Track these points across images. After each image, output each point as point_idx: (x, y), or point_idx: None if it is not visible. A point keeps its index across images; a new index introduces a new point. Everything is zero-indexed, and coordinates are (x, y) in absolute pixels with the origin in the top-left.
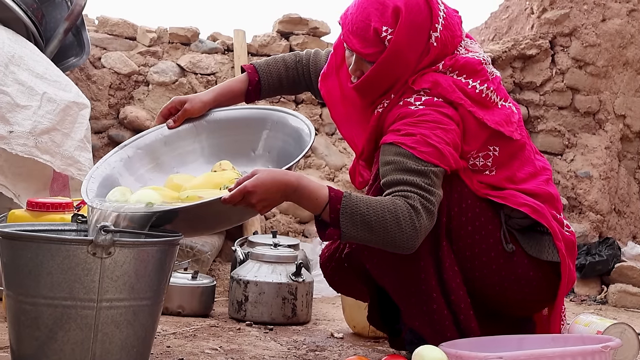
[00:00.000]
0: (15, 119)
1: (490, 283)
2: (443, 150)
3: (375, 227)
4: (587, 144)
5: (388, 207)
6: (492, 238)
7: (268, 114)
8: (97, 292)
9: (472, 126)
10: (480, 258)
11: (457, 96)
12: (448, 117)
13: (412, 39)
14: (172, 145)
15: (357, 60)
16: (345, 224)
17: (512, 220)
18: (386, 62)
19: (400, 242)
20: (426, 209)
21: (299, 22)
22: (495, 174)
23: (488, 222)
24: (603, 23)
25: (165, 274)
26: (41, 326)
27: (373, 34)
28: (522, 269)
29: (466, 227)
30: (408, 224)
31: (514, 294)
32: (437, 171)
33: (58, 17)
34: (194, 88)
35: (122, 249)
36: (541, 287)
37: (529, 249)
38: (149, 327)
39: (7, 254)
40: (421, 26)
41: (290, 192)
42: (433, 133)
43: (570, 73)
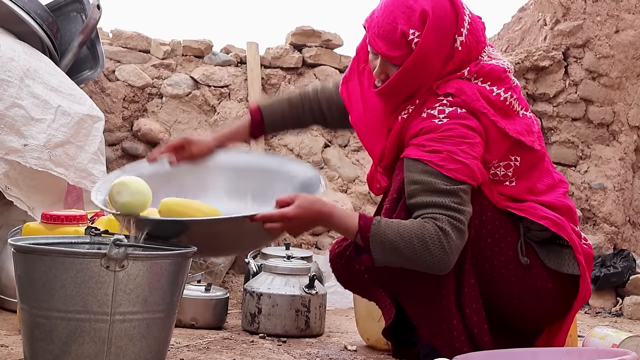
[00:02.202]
0: (30, 132)
1: (509, 295)
2: (471, 166)
3: (404, 253)
4: (601, 155)
5: (416, 232)
6: (511, 250)
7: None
8: (110, 305)
9: (494, 135)
10: (499, 270)
11: (481, 105)
12: (472, 129)
13: (439, 43)
14: (173, 180)
15: (382, 63)
16: (376, 251)
17: (531, 232)
18: (412, 65)
19: (432, 265)
20: (456, 228)
21: (311, 34)
22: (515, 184)
23: (507, 235)
24: (616, 34)
25: (179, 287)
26: (55, 339)
27: (400, 36)
28: (541, 282)
29: (485, 239)
30: (437, 247)
31: (532, 307)
32: (465, 188)
33: (73, 30)
34: (207, 100)
35: (136, 262)
36: (559, 300)
37: (548, 262)
38: (162, 339)
39: (22, 267)
40: (447, 30)
41: (324, 221)
42: (459, 149)
43: (584, 84)
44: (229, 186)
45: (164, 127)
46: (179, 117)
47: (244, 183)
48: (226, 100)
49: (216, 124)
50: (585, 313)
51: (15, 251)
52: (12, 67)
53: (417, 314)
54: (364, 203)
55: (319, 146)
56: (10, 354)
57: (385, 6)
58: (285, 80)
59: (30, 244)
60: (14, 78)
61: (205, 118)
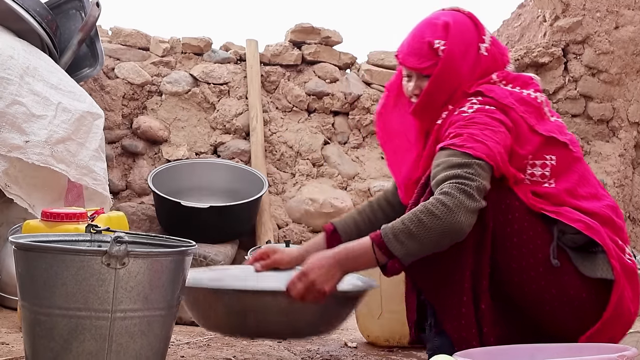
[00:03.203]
0: (31, 129)
1: (540, 301)
2: (490, 146)
3: (417, 233)
4: (601, 151)
5: (419, 209)
6: (541, 253)
7: None
8: (111, 302)
9: (525, 130)
10: (528, 272)
11: (510, 101)
12: (498, 121)
13: (464, 48)
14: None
15: (416, 80)
16: (394, 247)
17: (565, 236)
18: (442, 71)
19: (444, 227)
20: (460, 190)
21: (311, 31)
22: (555, 185)
23: (537, 237)
24: (616, 30)
25: (179, 284)
26: (56, 337)
27: (427, 47)
28: (574, 291)
29: (511, 238)
30: (440, 209)
31: (565, 315)
32: (482, 164)
33: (72, 28)
34: (206, 98)
35: (136, 259)
36: (595, 311)
37: (582, 268)
38: (163, 337)
39: (22, 264)
40: (470, 38)
41: (342, 257)
42: (481, 132)
43: (584, 81)
44: None
45: (163, 125)
46: (178, 115)
47: None
48: (225, 98)
49: (215, 121)
50: None
51: (16, 249)
52: (12, 64)
53: (434, 296)
54: (364, 200)
55: (318, 143)
56: (11, 351)
57: (413, 30)
58: (285, 77)
59: (31, 242)
60: (14, 76)
61: (205, 115)
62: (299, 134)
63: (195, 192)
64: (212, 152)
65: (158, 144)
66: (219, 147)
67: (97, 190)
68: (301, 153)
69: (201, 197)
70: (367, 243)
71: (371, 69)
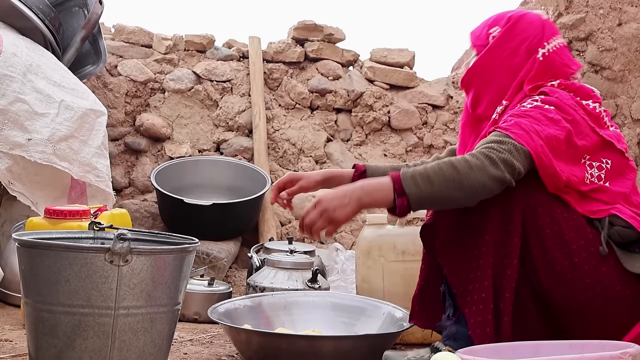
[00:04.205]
0: (34, 127)
1: (574, 292)
2: (532, 136)
3: (433, 177)
4: None
5: (443, 161)
6: (576, 244)
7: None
8: (114, 299)
9: (585, 127)
10: (562, 263)
11: (572, 104)
12: (552, 120)
13: (516, 43)
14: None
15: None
16: (408, 185)
17: (614, 228)
18: (485, 55)
19: (461, 180)
20: (484, 155)
21: (314, 28)
22: (610, 186)
23: (571, 229)
24: (619, 27)
25: (182, 281)
26: (59, 334)
27: (486, 29)
28: (610, 281)
29: (544, 230)
30: (461, 163)
31: (598, 310)
32: (518, 146)
33: (75, 25)
34: (209, 95)
35: (139, 256)
36: (628, 307)
37: (624, 261)
38: (166, 334)
39: (26, 262)
40: (526, 38)
41: (358, 189)
42: (530, 124)
43: (587, 77)
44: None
45: (166, 122)
46: (181, 112)
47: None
48: (228, 95)
49: (218, 118)
50: None
51: (19, 246)
52: (15, 62)
53: (456, 279)
54: None
55: (321, 140)
56: (15, 348)
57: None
58: (288, 74)
59: (34, 239)
60: (17, 73)
61: (208, 113)
62: (301, 131)
63: (198, 190)
64: (215, 150)
65: (161, 141)
66: (222, 144)
67: (99, 187)
68: (304, 150)
69: (204, 194)
70: (385, 179)
71: (374, 66)
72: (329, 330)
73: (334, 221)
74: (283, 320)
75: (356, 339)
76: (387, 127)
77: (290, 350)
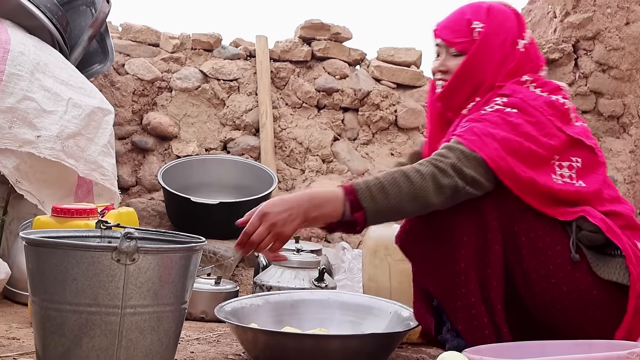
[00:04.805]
0: (43, 124)
1: (550, 299)
2: (485, 141)
3: (388, 188)
4: (611, 147)
5: (395, 169)
6: (551, 250)
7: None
8: (121, 298)
9: (552, 128)
10: (537, 271)
11: (537, 104)
12: (511, 124)
13: (500, 37)
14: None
15: (445, 56)
16: (364, 197)
17: (582, 233)
18: (476, 54)
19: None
20: (432, 163)
21: (320, 27)
22: (586, 186)
23: (546, 234)
24: (627, 26)
25: (189, 280)
26: (66, 332)
27: (465, 24)
28: (585, 287)
29: (520, 237)
30: (413, 173)
31: (576, 315)
32: (467, 152)
33: (82, 24)
34: (216, 94)
35: (146, 255)
36: (606, 311)
37: (596, 267)
38: (172, 333)
39: (33, 260)
40: (509, 30)
41: (306, 200)
42: (483, 126)
43: (594, 77)
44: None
45: (173, 121)
46: (188, 111)
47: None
48: (235, 94)
49: (225, 117)
50: None
51: (27, 244)
52: (23, 60)
53: (442, 298)
54: None
55: (328, 139)
56: (22, 346)
57: (456, 9)
58: (295, 73)
59: (42, 237)
60: (25, 72)
61: (215, 111)
62: (308, 130)
63: (205, 188)
64: (222, 148)
65: (168, 140)
66: (229, 143)
67: (105, 185)
68: (311, 149)
69: (211, 193)
70: (336, 191)
71: (381, 65)
72: (335, 329)
73: (282, 237)
74: (290, 319)
75: (363, 338)
76: (394, 126)
77: (297, 349)
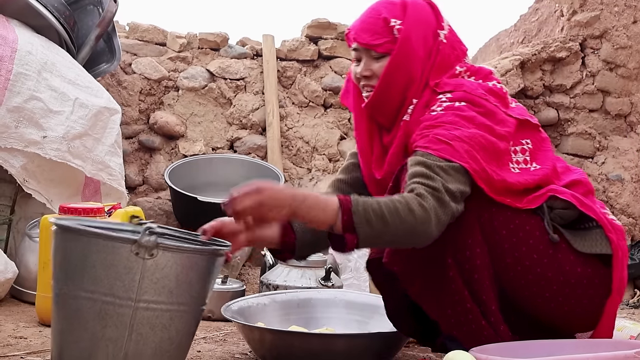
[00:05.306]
0: (49, 125)
1: (538, 290)
2: (455, 146)
3: (389, 218)
4: (619, 146)
5: (397, 198)
6: (532, 238)
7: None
8: (135, 291)
9: (501, 115)
10: (522, 262)
11: (481, 93)
12: (467, 119)
13: (420, 31)
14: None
15: (365, 60)
16: (359, 221)
17: (554, 212)
18: (399, 54)
19: (417, 228)
20: (431, 194)
21: (327, 26)
22: (540, 167)
23: (524, 222)
24: (634, 25)
25: (207, 283)
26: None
27: (383, 23)
28: (570, 266)
29: (500, 232)
30: (417, 207)
31: (565, 299)
32: (444, 166)
33: (89, 23)
34: (223, 93)
35: (165, 252)
36: (593, 288)
37: (576, 243)
38: (184, 333)
39: (59, 244)
40: (428, 22)
41: (300, 200)
42: (448, 132)
43: (601, 75)
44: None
45: (180, 120)
46: (195, 110)
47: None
48: (242, 93)
49: (232, 116)
50: None
51: (55, 229)
52: (30, 60)
53: (434, 310)
54: None
55: (334, 138)
56: (29, 345)
57: (369, 7)
58: (301, 72)
59: (69, 223)
60: (32, 71)
61: (221, 111)
62: (315, 129)
63: (212, 188)
64: (229, 148)
65: (175, 139)
66: (236, 142)
67: (112, 185)
68: (317, 148)
69: (217, 192)
70: (333, 202)
71: None
72: (342, 328)
73: (263, 219)
74: (296, 318)
75: (369, 337)
76: None
77: (304, 349)
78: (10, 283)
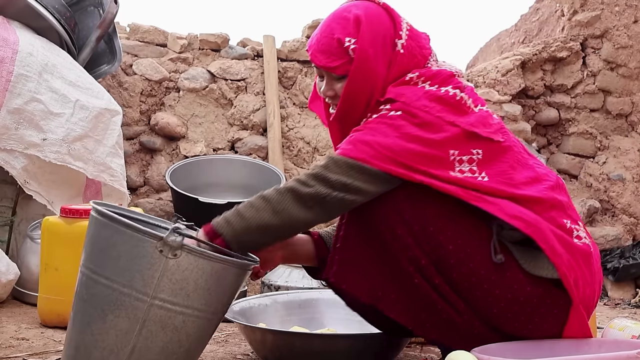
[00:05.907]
0: (49, 127)
1: (486, 305)
2: (358, 146)
3: (244, 212)
4: (620, 146)
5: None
6: (480, 255)
7: None
8: (153, 288)
9: (442, 125)
10: (469, 279)
11: (422, 104)
12: (393, 127)
13: (377, 46)
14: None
15: (327, 80)
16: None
17: (504, 231)
18: (357, 72)
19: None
20: (294, 179)
21: None
22: (488, 179)
23: (472, 239)
24: (635, 24)
25: (228, 295)
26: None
27: (337, 45)
28: (518, 285)
29: (446, 247)
30: (272, 192)
31: (515, 316)
32: (337, 159)
33: (90, 25)
34: (224, 94)
35: (189, 255)
36: (545, 307)
37: (524, 263)
38: (195, 339)
39: (93, 229)
40: (384, 34)
41: None
42: (361, 134)
43: (602, 75)
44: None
45: (181, 121)
46: (196, 111)
47: None
48: (243, 94)
49: (233, 117)
50: (604, 304)
51: (93, 213)
52: (31, 62)
53: (407, 318)
54: None
55: None
56: (31, 347)
57: (324, 23)
58: (302, 73)
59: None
60: (33, 73)
61: (222, 111)
62: (316, 130)
63: (213, 188)
64: (230, 148)
65: (176, 140)
66: (237, 143)
67: (114, 186)
68: (318, 149)
69: (219, 193)
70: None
71: None
72: (343, 329)
73: None
74: (298, 319)
75: (371, 338)
76: None
77: (305, 349)
78: (12, 284)
